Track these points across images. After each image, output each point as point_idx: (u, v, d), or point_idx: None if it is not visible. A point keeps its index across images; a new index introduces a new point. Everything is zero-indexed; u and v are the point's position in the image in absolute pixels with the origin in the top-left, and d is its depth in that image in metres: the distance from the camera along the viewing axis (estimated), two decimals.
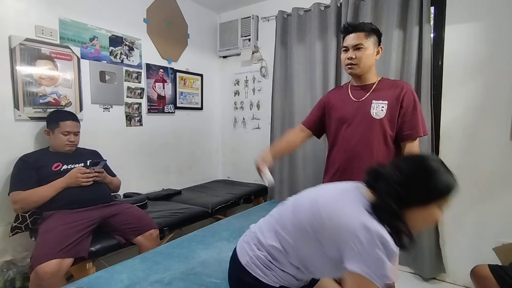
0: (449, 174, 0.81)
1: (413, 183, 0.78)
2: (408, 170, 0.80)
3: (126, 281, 1.09)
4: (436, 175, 0.79)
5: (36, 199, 1.59)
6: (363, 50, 1.28)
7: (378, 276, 0.70)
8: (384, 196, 0.77)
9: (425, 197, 0.78)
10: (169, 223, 1.93)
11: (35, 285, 1.33)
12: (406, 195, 0.77)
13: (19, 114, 1.77)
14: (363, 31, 1.28)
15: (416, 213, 0.78)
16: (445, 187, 0.78)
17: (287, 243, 0.86)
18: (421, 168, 0.80)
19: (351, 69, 1.33)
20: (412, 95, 1.27)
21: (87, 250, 1.50)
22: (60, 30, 1.94)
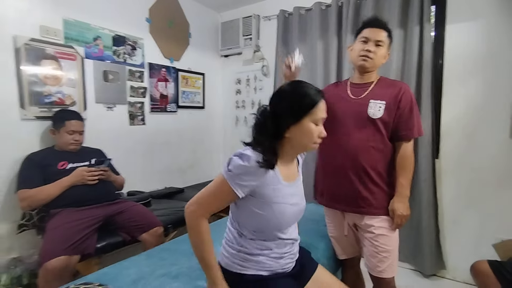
0: (310, 90, 0.97)
1: (279, 105, 0.96)
2: (274, 101, 0.98)
3: (133, 275, 1.12)
4: (296, 94, 0.96)
5: (42, 197, 1.61)
6: (381, 48, 1.28)
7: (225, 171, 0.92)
8: (261, 131, 0.95)
9: (294, 115, 0.94)
10: (173, 221, 1.96)
11: (44, 280, 1.35)
12: (278, 122, 0.94)
13: (24, 113, 1.79)
14: (387, 31, 1.29)
15: (294, 130, 0.94)
16: (307, 101, 0.94)
17: (234, 220, 1.02)
18: (284, 94, 0.97)
19: (364, 61, 1.28)
20: (409, 96, 1.27)
21: (93, 247, 1.54)
22: (64, 30, 1.96)
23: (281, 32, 2.68)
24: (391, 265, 1.29)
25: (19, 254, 1.74)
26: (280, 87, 1.01)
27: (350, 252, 1.45)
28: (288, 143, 0.97)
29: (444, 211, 2.11)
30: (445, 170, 2.10)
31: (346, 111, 1.31)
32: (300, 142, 0.97)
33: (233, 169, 0.90)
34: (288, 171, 1.01)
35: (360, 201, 1.28)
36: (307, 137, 0.96)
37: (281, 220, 0.98)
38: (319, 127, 0.97)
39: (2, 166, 1.73)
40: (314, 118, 0.95)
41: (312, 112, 0.94)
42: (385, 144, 1.27)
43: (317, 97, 0.95)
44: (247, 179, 0.90)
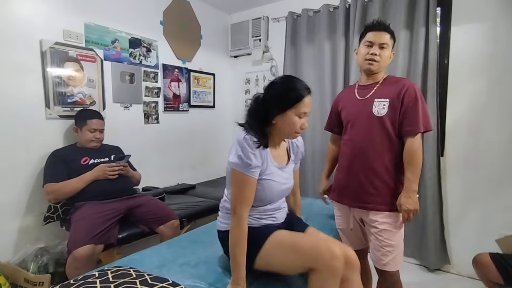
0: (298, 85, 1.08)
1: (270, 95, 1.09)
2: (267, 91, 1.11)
3: (157, 262, 1.22)
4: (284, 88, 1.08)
5: (67, 190, 1.73)
6: (386, 50, 1.32)
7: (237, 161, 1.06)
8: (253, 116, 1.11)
9: (280, 107, 1.07)
10: (187, 215, 2.06)
11: (72, 267, 1.47)
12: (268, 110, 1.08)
13: (50, 112, 1.91)
14: (390, 33, 1.33)
15: (279, 119, 1.09)
16: (293, 96, 1.06)
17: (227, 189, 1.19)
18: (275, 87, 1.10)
19: (370, 65, 1.33)
20: (413, 91, 1.28)
21: (115, 237, 1.65)
22: (85, 34, 2.07)
23: (289, 33, 2.76)
24: (394, 259, 1.33)
25: (45, 244, 1.86)
26: (275, 79, 1.15)
27: (357, 245, 1.51)
28: (275, 129, 1.12)
29: (449, 207, 2.17)
30: (450, 167, 2.16)
31: (354, 112, 1.39)
32: (283, 130, 1.11)
33: (241, 157, 1.04)
34: (278, 154, 1.19)
35: (366, 197, 1.34)
36: (290, 127, 1.09)
37: (268, 194, 1.14)
38: (301, 119, 1.10)
39: (29, 162, 1.85)
40: (298, 112, 1.08)
41: (296, 106, 1.07)
42: (391, 141, 1.31)
43: (303, 93, 1.08)
44: (254, 161, 1.05)
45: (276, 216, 1.21)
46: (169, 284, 0.95)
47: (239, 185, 1.07)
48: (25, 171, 1.84)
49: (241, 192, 1.06)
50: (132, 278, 0.95)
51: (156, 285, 0.93)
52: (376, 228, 1.33)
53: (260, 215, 1.17)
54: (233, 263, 1.04)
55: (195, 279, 1.10)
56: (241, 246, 1.03)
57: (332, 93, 2.55)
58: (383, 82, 1.36)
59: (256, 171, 1.07)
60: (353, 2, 2.37)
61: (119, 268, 1.02)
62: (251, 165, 1.04)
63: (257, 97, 1.13)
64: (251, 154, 1.05)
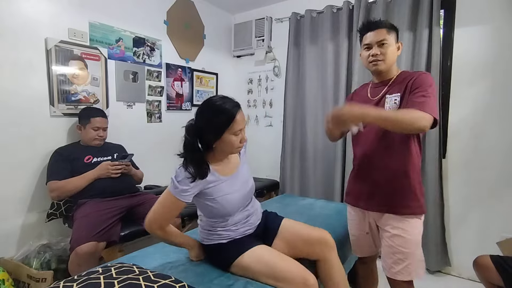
0: (226, 105, 1.08)
1: (202, 122, 1.10)
2: (198, 117, 1.12)
3: (159, 260, 1.23)
4: (213, 112, 1.08)
5: (70, 188, 1.74)
6: (387, 45, 1.24)
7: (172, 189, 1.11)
8: (189, 149, 1.12)
9: (215, 133, 1.08)
10: (189, 213, 2.07)
11: (74, 264, 1.48)
12: (203, 140, 1.11)
13: (54, 110, 1.93)
14: (385, 27, 1.26)
15: (219, 145, 1.11)
16: (224, 118, 1.07)
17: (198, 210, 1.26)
18: (205, 113, 1.11)
19: (376, 66, 1.27)
20: (422, 79, 1.19)
21: (118, 235, 1.66)
22: (90, 32, 2.09)
23: (293, 34, 2.76)
24: (407, 268, 1.23)
25: (48, 241, 1.87)
26: (201, 105, 1.15)
27: (367, 252, 1.45)
28: (216, 150, 1.16)
29: (450, 209, 2.17)
30: (451, 169, 2.16)
31: None
32: (225, 150, 1.15)
33: (176, 185, 1.09)
34: (225, 167, 1.21)
35: (379, 200, 1.27)
36: (230, 147, 1.12)
37: (229, 208, 1.17)
38: (239, 136, 1.12)
39: (33, 159, 1.86)
40: (233, 131, 1.09)
41: (230, 127, 1.08)
42: (406, 139, 1.22)
43: (233, 111, 1.08)
44: (188, 189, 1.08)
45: (251, 221, 1.27)
46: (172, 281, 0.96)
47: (166, 205, 1.13)
48: (29, 168, 1.85)
49: (165, 211, 1.14)
50: (135, 275, 0.96)
51: (159, 281, 0.94)
52: (388, 232, 1.26)
53: (236, 226, 1.22)
54: (176, 245, 1.22)
55: (197, 277, 1.11)
56: (171, 238, 1.18)
57: (335, 94, 2.56)
58: (397, 78, 1.29)
59: (186, 197, 1.10)
60: (356, 3, 2.38)
61: (123, 264, 1.03)
62: (180, 189, 1.09)
63: (189, 127, 1.13)
64: (186, 185, 1.08)
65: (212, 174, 1.14)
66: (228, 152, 1.18)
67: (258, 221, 1.31)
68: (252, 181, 1.30)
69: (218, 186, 1.15)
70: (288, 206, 2.03)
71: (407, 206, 1.23)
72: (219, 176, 1.16)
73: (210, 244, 1.22)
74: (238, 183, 1.22)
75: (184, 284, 0.96)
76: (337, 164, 2.52)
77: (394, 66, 1.31)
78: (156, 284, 0.93)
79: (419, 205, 1.25)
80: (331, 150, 2.58)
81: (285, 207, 1.99)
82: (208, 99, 1.14)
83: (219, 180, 1.16)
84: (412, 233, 1.24)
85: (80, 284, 0.90)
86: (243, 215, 1.24)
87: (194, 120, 1.14)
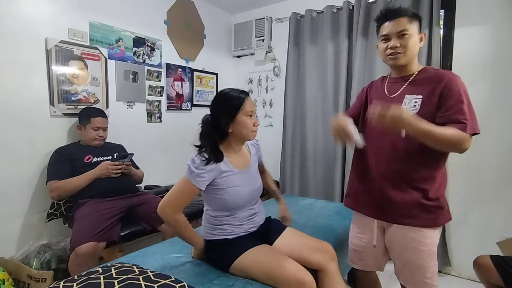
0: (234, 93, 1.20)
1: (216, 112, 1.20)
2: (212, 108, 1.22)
3: (160, 260, 1.23)
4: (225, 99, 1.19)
5: (70, 188, 1.74)
6: (408, 36, 1.10)
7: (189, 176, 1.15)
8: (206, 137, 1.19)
9: (229, 115, 1.17)
10: (189, 213, 2.06)
11: (74, 264, 1.48)
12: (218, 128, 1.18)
13: (54, 110, 1.93)
14: (406, 15, 1.11)
15: (234, 128, 1.18)
16: (235, 102, 1.17)
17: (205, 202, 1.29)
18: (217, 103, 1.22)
19: (394, 60, 1.14)
20: (456, 85, 1.06)
21: (118, 235, 1.66)
22: (90, 32, 2.09)
23: (293, 34, 2.76)
24: (423, 282, 1.13)
25: (48, 240, 1.87)
26: (213, 99, 1.26)
27: (370, 265, 1.31)
28: (232, 136, 1.21)
29: (450, 209, 2.15)
30: (451, 170, 2.16)
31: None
32: (240, 133, 1.20)
33: (192, 169, 1.14)
34: (239, 160, 1.25)
35: (389, 208, 1.15)
36: (244, 128, 1.18)
37: (238, 200, 1.21)
38: (252, 118, 1.20)
39: (33, 159, 1.86)
40: (245, 112, 1.18)
41: (242, 108, 1.17)
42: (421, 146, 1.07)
43: (242, 96, 1.19)
44: (203, 173, 1.13)
45: (255, 219, 1.30)
46: (172, 281, 0.96)
47: (180, 189, 1.16)
48: (29, 168, 1.85)
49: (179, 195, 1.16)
50: (135, 275, 0.96)
51: (159, 282, 0.94)
52: (400, 242, 1.16)
53: (241, 222, 1.24)
54: (188, 241, 1.22)
55: (197, 277, 1.11)
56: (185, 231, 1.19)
57: (335, 94, 2.56)
58: (418, 75, 1.16)
59: (201, 182, 1.14)
60: (356, 3, 2.38)
61: (123, 264, 1.04)
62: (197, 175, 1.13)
63: (205, 119, 1.22)
64: (201, 169, 1.13)
65: (226, 164, 1.19)
66: (244, 136, 1.21)
67: (262, 222, 1.34)
68: (260, 182, 1.34)
69: (231, 177, 1.19)
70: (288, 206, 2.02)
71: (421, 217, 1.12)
72: (232, 167, 1.21)
73: (212, 240, 1.23)
74: (248, 179, 1.26)
75: (184, 284, 0.96)
76: (337, 164, 2.52)
77: (415, 60, 1.17)
78: (156, 284, 0.93)
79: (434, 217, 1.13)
80: (331, 150, 2.58)
81: None
82: (219, 92, 1.26)
83: (232, 171, 1.20)
84: (426, 244, 1.12)
85: (80, 284, 0.90)
86: (249, 212, 1.27)
87: (210, 114, 1.23)
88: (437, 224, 1.15)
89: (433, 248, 1.14)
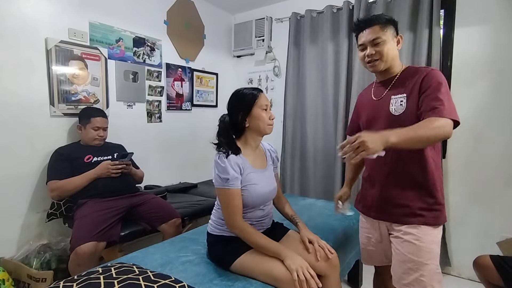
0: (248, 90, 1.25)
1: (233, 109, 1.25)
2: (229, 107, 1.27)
3: (160, 260, 1.23)
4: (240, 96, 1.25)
5: (71, 188, 1.74)
6: (383, 43, 1.15)
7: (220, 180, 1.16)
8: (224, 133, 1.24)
9: (245, 110, 1.22)
10: (189, 213, 2.07)
11: (74, 264, 1.48)
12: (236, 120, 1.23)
13: (54, 110, 1.93)
14: (377, 23, 1.16)
15: (250, 120, 1.22)
16: (250, 97, 1.23)
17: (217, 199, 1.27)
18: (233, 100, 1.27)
19: (373, 67, 1.19)
20: (433, 77, 1.09)
21: (118, 235, 1.66)
22: (90, 32, 2.09)
23: (293, 34, 2.76)
24: (419, 280, 1.10)
25: (48, 240, 1.88)
26: (229, 99, 1.29)
27: (377, 261, 1.36)
28: (249, 131, 1.25)
29: (450, 209, 2.17)
30: (451, 170, 2.16)
31: (371, 114, 1.25)
32: (258, 127, 1.23)
33: (218, 175, 1.15)
34: (256, 159, 1.28)
35: (389, 207, 1.18)
36: (261, 120, 1.22)
37: (255, 198, 1.21)
38: (268, 111, 1.24)
39: (33, 159, 1.86)
40: (260, 105, 1.22)
41: (257, 102, 1.22)
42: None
43: (255, 92, 1.24)
44: (231, 172, 1.14)
45: (265, 221, 1.31)
46: (172, 281, 0.96)
47: (225, 200, 1.16)
48: (29, 168, 1.85)
49: (229, 206, 1.16)
50: (135, 275, 0.97)
51: (159, 282, 0.94)
52: (400, 238, 1.15)
53: (250, 222, 1.24)
54: (266, 251, 1.13)
55: (197, 277, 1.11)
56: (260, 242, 1.13)
57: (335, 94, 2.56)
58: (401, 75, 1.20)
59: (235, 182, 1.15)
60: (356, 3, 2.38)
61: (123, 264, 1.04)
62: (228, 179, 1.14)
63: (223, 118, 1.27)
64: (226, 167, 1.14)
65: (245, 162, 1.21)
66: (261, 129, 1.23)
67: (269, 226, 1.35)
68: (275, 184, 1.35)
69: (250, 174, 1.21)
70: None
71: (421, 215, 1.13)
72: (250, 165, 1.23)
73: (217, 235, 1.25)
74: (265, 179, 1.28)
75: (184, 284, 0.96)
76: (337, 164, 2.52)
77: (396, 62, 1.21)
78: (156, 284, 0.93)
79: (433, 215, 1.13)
80: (331, 150, 2.58)
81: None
82: (234, 90, 1.30)
83: (251, 169, 1.22)
84: (426, 240, 1.12)
85: (80, 284, 0.90)
86: (261, 213, 1.28)
87: (227, 113, 1.27)
88: (437, 222, 1.14)
89: (431, 246, 1.13)
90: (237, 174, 1.16)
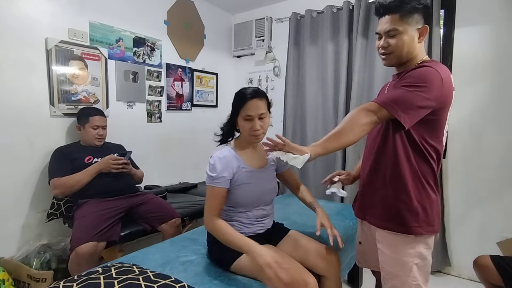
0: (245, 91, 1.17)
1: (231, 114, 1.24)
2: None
3: (160, 260, 1.23)
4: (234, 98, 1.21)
5: (73, 184, 1.72)
6: (399, 36, 1.01)
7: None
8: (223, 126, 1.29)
9: (233, 113, 1.22)
10: (189, 213, 2.07)
11: (74, 264, 1.48)
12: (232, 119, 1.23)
13: (54, 110, 1.93)
14: (399, 11, 1.00)
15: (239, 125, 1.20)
16: (237, 104, 1.17)
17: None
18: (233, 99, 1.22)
19: (384, 60, 1.09)
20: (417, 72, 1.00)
21: (118, 235, 1.66)
22: (90, 32, 2.09)
23: (293, 34, 2.77)
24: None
25: (48, 240, 1.88)
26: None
27: (371, 264, 1.31)
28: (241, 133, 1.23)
29: (450, 209, 2.17)
30: (451, 169, 2.16)
31: None
32: (243, 134, 1.21)
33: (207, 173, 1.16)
34: (253, 158, 1.25)
35: (366, 209, 1.17)
36: (243, 130, 1.19)
37: (248, 197, 1.21)
38: (250, 122, 1.15)
39: (33, 159, 1.86)
40: (242, 115, 1.15)
41: (240, 111, 1.16)
42: (381, 143, 1.07)
43: (247, 97, 1.14)
44: (219, 171, 1.13)
45: (265, 222, 1.29)
46: (172, 281, 0.96)
47: (207, 196, 1.16)
48: (29, 168, 1.85)
49: (207, 202, 1.16)
50: (135, 275, 0.97)
51: (159, 282, 0.94)
52: (378, 243, 1.13)
53: (250, 221, 1.24)
54: (237, 248, 1.07)
55: (197, 277, 1.11)
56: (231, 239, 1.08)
57: (335, 94, 2.56)
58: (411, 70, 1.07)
59: (220, 181, 1.14)
60: (356, 3, 2.38)
61: (123, 264, 1.04)
62: (213, 176, 1.14)
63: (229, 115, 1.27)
64: (215, 165, 1.14)
65: (239, 161, 1.20)
66: (246, 138, 1.21)
67: (270, 226, 1.34)
68: (275, 184, 1.33)
69: (244, 174, 1.19)
70: (288, 206, 2.03)
71: (390, 220, 1.05)
72: (246, 165, 1.21)
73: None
74: (261, 179, 1.25)
75: (184, 284, 0.96)
76: (337, 164, 2.52)
77: (415, 56, 1.06)
78: (156, 284, 0.93)
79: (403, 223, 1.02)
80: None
81: (285, 207, 1.99)
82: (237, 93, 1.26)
83: (246, 168, 1.21)
84: (399, 252, 1.03)
85: (80, 284, 0.90)
86: (261, 212, 1.27)
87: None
88: (410, 231, 1.01)
89: (405, 258, 1.02)
90: (226, 173, 1.15)
